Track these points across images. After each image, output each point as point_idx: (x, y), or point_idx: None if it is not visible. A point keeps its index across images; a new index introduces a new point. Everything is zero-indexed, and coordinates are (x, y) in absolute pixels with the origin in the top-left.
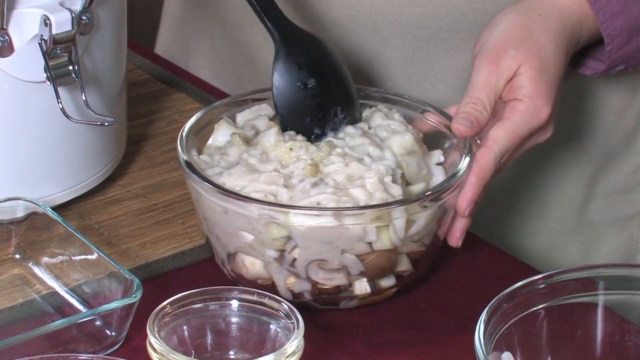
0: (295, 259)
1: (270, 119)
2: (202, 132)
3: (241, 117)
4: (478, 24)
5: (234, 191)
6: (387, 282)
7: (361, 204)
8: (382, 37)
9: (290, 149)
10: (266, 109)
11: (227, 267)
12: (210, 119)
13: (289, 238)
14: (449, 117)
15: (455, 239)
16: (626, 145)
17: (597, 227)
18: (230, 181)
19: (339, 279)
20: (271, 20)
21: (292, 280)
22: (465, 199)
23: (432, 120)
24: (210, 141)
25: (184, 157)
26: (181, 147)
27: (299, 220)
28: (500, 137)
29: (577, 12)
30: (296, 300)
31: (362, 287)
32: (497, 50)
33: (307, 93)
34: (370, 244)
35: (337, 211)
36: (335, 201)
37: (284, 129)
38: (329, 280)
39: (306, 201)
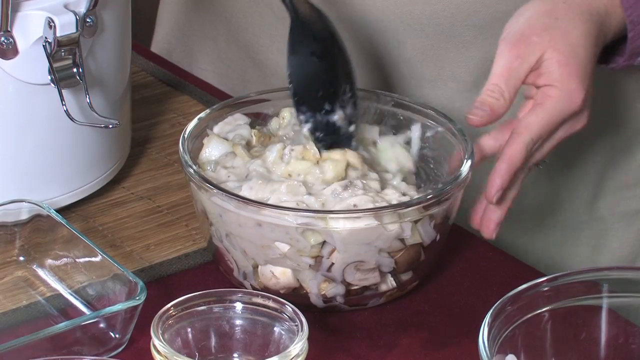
0: (332, 264)
1: (252, 128)
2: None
3: (219, 129)
4: (489, 21)
5: (272, 203)
6: (407, 275)
7: (394, 203)
8: (393, 36)
9: (289, 175)
10: (241, 118)
11: (249, 281)
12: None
13: (323, 243)
14: (452, 121)
15: (490, 230)
16: (635, 140)
17: (607, 222)
18: (252, 194)
19: (373, 278)
20: None
21: (325, 285)
22: (493, 185)
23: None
24: (203, 155)
25: (201, 174)
26: (192, 164)
27: (339, 224)
28: (531, 124)
29: (604, 0)
30: (327, 304)
31: (388, 283)
32: (519, 37)
33: (321, 66)
34: (402, 240)
35: (378, 211)
36: (371, 202)
37: (295, 100)
38: (363, 280)
39: (342, 205)
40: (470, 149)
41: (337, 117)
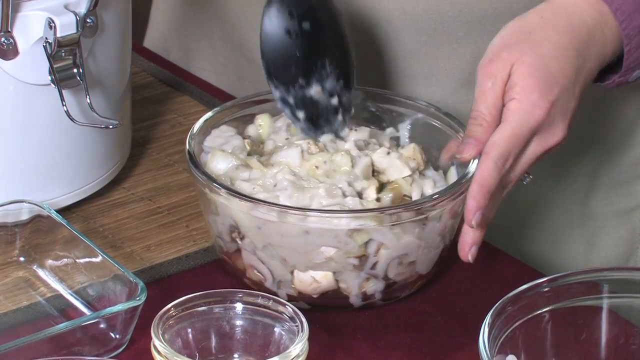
0: (377, 262)
1: (244, 138)
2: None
3: (210, 143)
4: (482, 17)
5: (325, 209)
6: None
7: (430, 193)
8: (386, 33)
9: (316, 167)
10: (228, 130)
11: (284, 289)
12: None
13: (368, 242)
14: (453, 119)
15: (465, 253)
16: (627, 138)
17: (600, 220)
18: (293, 203)
19: (410, 271)
20: None
21: (365, 283)
22: (469, 208)
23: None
24: (211, 170)
25: (236, 190)
26: (221, 182)
27: (392, 220)
28: (497, 141)
29: (591, 12)
30: (365, 302)
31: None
32: (491, 56)
33: (294, 42)
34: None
35: (425, 205)
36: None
37: (268, 76)
38: (401, 274)
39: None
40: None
41: (314, 91)
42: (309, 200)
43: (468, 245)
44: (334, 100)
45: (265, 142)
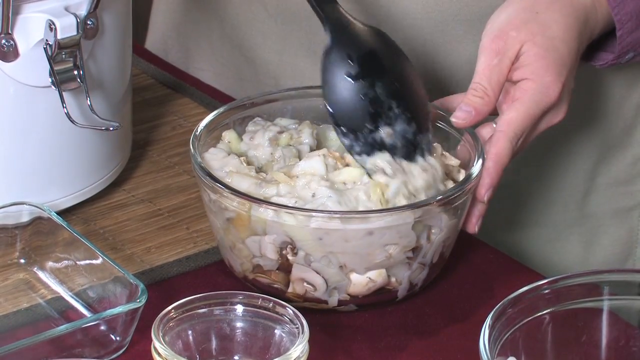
0: (428, 250)
1: (239, 156)
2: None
3: (213, 162)
4: (481, 15)
5: (398, 206)
6: None
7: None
8: (387, 31)
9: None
10: (218, 152)
11: (338, 294)
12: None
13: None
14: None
15: (472, 224)
16: (625, 137)
17: (598, 219)
18: (345, 208)
19: (444, 254)
20: (322, 6)
21: (413, 273)
22: (484, 184)
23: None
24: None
25: (292, 206)
26: (280, 205)
27: (445, 205)
28: (513, 120)
29: None
30: (408, 292)
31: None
32: (498, 33)
33: (356, 86)
34: None
35: (468, 185)
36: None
37: (335, 123)
38: (440, 258)
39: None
40: (480, 148)
41: (384, 134)
42: (356, 202)
43: (476, 218)
44: (407, 143)
45: (257, 159)
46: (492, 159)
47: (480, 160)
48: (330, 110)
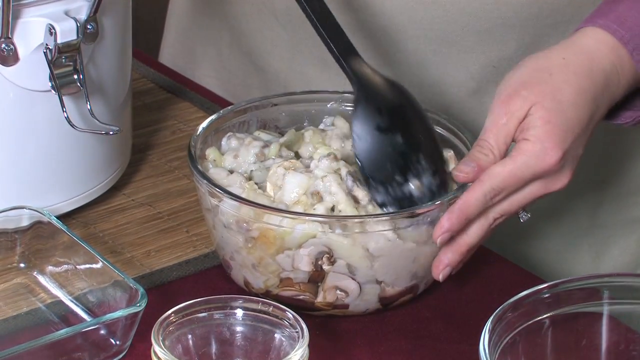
0: None
1: (246, 178)
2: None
3: (221, 182)
4: (490, 26)
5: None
6: None
7: None
8: (395, 42)
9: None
10: (220, 171)
11: (370, 297)
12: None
13: None
14: (458, 126)
15: (437, 271)
16: (636, 147)
17: (609, 229)
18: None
19: None
20: (349, 64)
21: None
22: (439, 225)
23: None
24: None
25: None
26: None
27: None
28: (495, 174)
29: (611, 58)
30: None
31: None
32: (510, 92)
33: (387, 139)
34: None
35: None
36: None
37: (365, 176)
38: None
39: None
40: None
41: (413, 187)
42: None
43: (442, 265)
44: (432, 196)
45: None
46: (459, 206)
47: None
48: (360, 163)
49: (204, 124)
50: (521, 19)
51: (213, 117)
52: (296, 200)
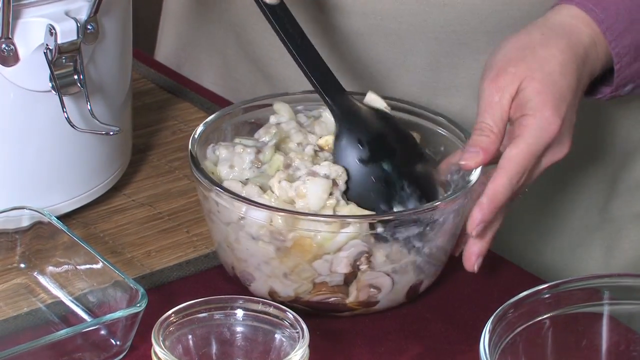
0: None
1: (266, 191)
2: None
3: (242, 192)
4: (502, 27)
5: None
6: None
7: None
8: (407, 45)
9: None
10: (235, 183)
11: (398, 295)
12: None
13: None
14: (463, 131)
15: (471, 263)
16: None
17: (619, 224)
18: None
19: None
20: (331, 96)
21: None
22: (473, 219)
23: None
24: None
25: None
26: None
27: None
28: (514, 157)
29: (588, 31)
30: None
31: None
32: (496, 71)
33: (369, 169)
34: None
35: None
36: None
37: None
38: None
39: None
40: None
41: None
42: None
43: (475, 256)
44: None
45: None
46: (489, 196)
47: (479, 171)
48: (345, 192)
49: (199, 129)
50: (531, 18)
51: (199, 131)
52: (323, 205)
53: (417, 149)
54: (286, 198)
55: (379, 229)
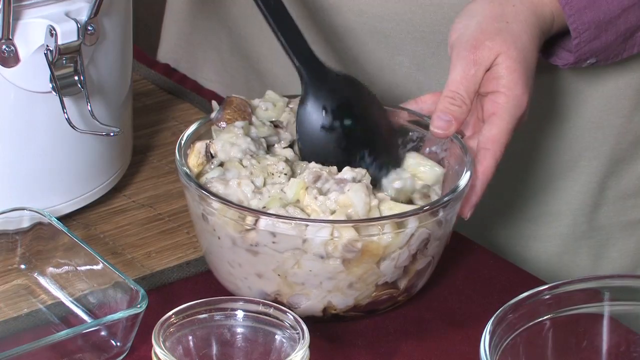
0: None
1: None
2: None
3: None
4: None
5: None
6: None
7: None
8: (394, 44)
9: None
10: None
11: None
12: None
13: None
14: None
15: (465, 210)
16: (635, 149)
17: (607, 232)
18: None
19: None
20: (299, 58)
21: None
22: (469, 203)
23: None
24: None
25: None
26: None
27: None
28: (497, 137)
29: (550, 6)
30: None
31: None
32: (473, 42)
33: (331, 137)
34: None
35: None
36: None
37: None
38: None
39: None
40: (469, 160)
41: None
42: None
43: (469, 206)
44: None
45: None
46: (480, 179)
47: (469, 173)
48: (305, 159)
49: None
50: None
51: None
52: (368, 209)
53: (381, 114)
54: (325, 210)
55: (441, 214)
